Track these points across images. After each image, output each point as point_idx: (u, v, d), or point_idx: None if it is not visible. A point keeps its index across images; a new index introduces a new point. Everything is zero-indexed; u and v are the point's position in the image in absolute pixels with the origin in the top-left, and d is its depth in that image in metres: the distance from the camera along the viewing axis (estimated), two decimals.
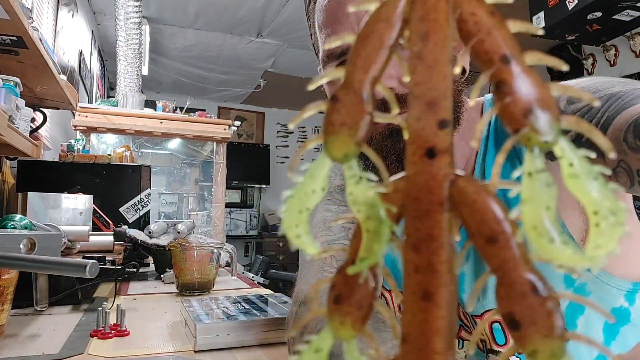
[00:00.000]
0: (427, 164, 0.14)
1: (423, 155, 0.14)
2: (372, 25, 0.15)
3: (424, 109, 0.14)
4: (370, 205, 0.15)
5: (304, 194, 0.16)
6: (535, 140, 0.13)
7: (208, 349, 0.70)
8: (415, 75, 0.15)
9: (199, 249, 1.13)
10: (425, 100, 0.14)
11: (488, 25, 0.14)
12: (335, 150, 0.15)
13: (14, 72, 1.19)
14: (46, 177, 1.62)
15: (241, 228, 5.41)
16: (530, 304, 0.13)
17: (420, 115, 0.14)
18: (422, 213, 0.14)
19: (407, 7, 0.15)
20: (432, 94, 0.14)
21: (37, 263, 0.56)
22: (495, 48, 0.14)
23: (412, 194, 0.15)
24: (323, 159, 0.16)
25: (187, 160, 2.94)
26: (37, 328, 0.81)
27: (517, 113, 0.14)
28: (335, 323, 0.16)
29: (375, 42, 0.15)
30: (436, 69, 0.14)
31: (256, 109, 5.80)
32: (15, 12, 0.94)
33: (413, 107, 0.15)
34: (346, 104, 0.15)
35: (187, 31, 3.75)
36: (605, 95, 0.47)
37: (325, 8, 0.55)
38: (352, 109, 0.15)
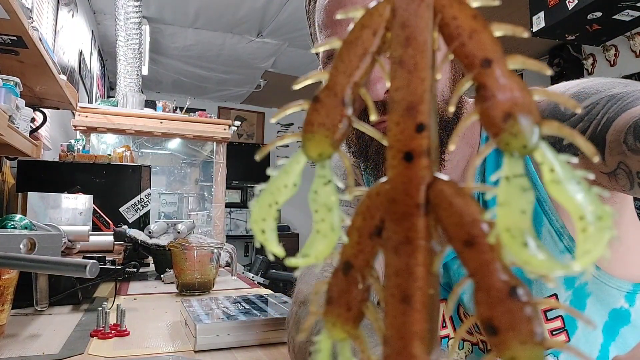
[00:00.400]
0: (405, 167, 0.14)
1: (401, 159, 0.15)
2: (357, 32, 0.15)
3: (402, 113, 0.14)
4: (328, 209, 0.16)
5: (276, 188, 0.16)
6: (513, 145, 0.13)
7: (208, 349, 0.70)
8: (395, 80, 0.15)
9: (199, 249, 1.13)
10: (404, 105, 0.14)
11: (469, 29, 0.14)
12: (311, 149, 0.16)
13: (14, 72, 1.19)
14: (46, 177, 1.62)
15: (241, 228, 5.41)
16: (508, 309, 0.13)
17: (398, 119, 0.15)
18: (400, 216, 0.15)
19: (390, 14, 0.15)
20: (411, 98, 0.14)
21: (37, 263, 0.56)
22: (476, 52, 0.14)
23: (390, 196, 0.15)
24: (299, 155, 0.16)
25: (187, 160, 2.94)
26: (37, 328, 0.81)
27: (496, 117, 0.14)
28: (328, 324, 0.16)
29: (358, 49, 0.15)
30: (415, 73, 0.14)
31: (256, 109, 5.80)
32: (15, 12, 0.94)
33: (392, 112, 0.15)
34: (326, 105, 0.15)
35: (187, 31, 3.75)
36: (606, 96, 0.47)
37: (325, 9, 0.55)
38: (331, 110, 0.15)
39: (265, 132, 5.87)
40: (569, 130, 0.13)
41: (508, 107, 0.13)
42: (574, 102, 0.14)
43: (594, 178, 0.49)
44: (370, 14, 0.15)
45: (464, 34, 0.14)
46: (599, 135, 0.46)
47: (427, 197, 0.14)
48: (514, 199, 0.14)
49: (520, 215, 0.13)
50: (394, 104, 0.15)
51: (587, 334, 0.55)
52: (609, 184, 0.48)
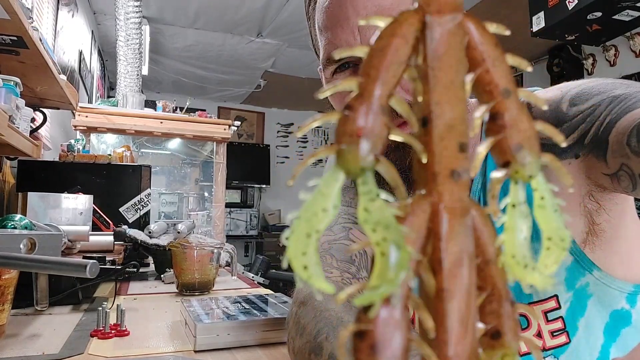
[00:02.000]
0: (453, 185, 0.14)
1: (448, 176, 0.14)
2: (387, 39, 0.15)
3: (445, 130, 0.14)
4: (387, 227, 0.13)
5: (313, 214, 0.14)
6: (521, 174, 0.15)
7: (208, 349, 0.70)
8: (435, 94, 0.14)
9: (199, 249, 1.13)
10: (445, 122, 0.14)
11: (493, 57, 0.14)
12: (350, 162, 0.14)
13: (14, 72, 1.19)
14: (46, 177, 1.62)
15: (241, 228, 5.41)
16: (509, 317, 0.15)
17: (443, 135, 0.14)
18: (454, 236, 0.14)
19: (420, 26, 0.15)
20: (451, 115, 0.14)
21: (37, 263, 0.56)
22: (498, 80, 0.14)
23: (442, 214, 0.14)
24: (335, 173, 0.14)
25: (187, 160, 2.95)
26: (37, 328, 0.81)
27: (510, 148, 0.14)
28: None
29: (391, 56, 0.14)
30: (452, 90, 0.14)
31: (256, 109, 5.80)
32: (15, 12, 0.94)
33: (436, 127, 0.14)
34: (362, 113, 0.14)
35: (187, 31, 3.75)
36: (608, 97, 0.47)
37: (326, 10, 0.55)
38: (368, 119, 0.14)
39: (265, 132, 5.87)
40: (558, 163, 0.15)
41: (521, 139, 0.14)
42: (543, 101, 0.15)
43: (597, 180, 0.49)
44: (400, 23, 0.15)
45: (489, 60, 0.14)
46: (601, 137, 0.46)
47: None
48: (518, 225, 0.15)
49: (523, 241, 0.15)
50: (435, 119, 0.14)
51: (587, 335, 0.55)
52: (611, 185, 0.48)
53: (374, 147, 0.14)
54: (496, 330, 0.15)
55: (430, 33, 0.14)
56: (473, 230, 0.15)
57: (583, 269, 0.53)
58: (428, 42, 0.14)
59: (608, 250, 0.53)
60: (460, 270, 0.14)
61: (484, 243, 0.15)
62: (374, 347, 0.13)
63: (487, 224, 0.15)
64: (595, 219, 0.53)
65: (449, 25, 0.14)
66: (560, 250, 0.15)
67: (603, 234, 0.53)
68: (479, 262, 0.15)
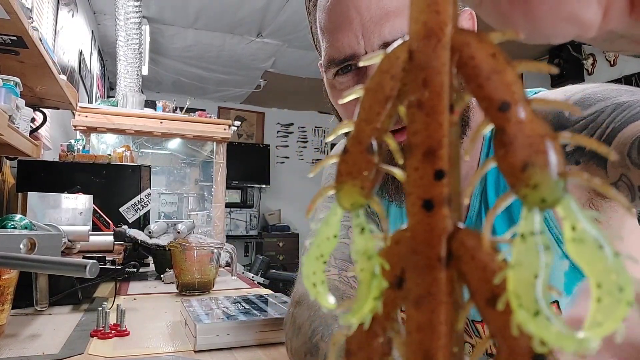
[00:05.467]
0: (425, 216, 0.14)
1: (421, 207, 0.14)
2: (376, 78, 0.15)
3: (420, 159, 0.14)
4: (367, 257, 0.15)
5: (321, 241, 0.16)
6: (531, 198, 0.12)
7: (208, 349, 0.70)
8: (413, 124, 0.14)
9: (199, 249, 1.13)
10: (422, 150, 0.14)
11: (488, 69, 0.13)
12: (343, 199, 0.16)
13: (14, 72, 1.19)
14: (46, 177, 1.62)
15: (241, 228, 5.41)
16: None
17: (417, 164, 0.14)
18: (421, 268, 0.14)
19: (407, 56, 0.15)
20: (429, 142, 0.14)
21: (37, 263, 0.56)
22: (493, 94, 0.13)
23: (411, 247, 0.14)
24: (335, 207, 0.16)
25: (187, 160, 2.95)
26: (37, 328, 0.81)
27: (514, 166, 0.12)
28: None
29: (379, 95, 0.15)
30: (433, 116, 0.14)
31: (256, 109, 5.80)
32: (15, 12, 0.94)
33: (411, 157, 0.14)
34: (353, 155, 0.15)
35: (187, 31, 3.75)
36: (612, 104, 0.46)
37: (328, 11, 0.54)
38: (358, 159, 0.15)
39: (265, 132, 5.87)
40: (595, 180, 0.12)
41: (527, 155, 0.12)
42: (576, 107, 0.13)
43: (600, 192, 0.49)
44: (389, 58, 0.15)
45: (481, 74, 0.13)
46: None
47: (448, 248, 0.14)
48: (528, 260, 0.12)
49: (533, 279, 0.12)
50: (411, 149, 0.14)
51: None
52: None
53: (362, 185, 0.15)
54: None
55: (414, 61, 0.14)
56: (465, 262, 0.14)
57: (580, 273, 0.53)
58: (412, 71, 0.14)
59: None
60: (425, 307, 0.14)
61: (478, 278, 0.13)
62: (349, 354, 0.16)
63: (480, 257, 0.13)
64: None
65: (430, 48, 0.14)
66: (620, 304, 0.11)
67: None
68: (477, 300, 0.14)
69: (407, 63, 0.15)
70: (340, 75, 0.56)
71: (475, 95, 0.13)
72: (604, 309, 0.11)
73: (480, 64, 0.13)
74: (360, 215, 0.16)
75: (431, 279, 0.14)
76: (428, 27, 0.14)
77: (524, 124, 0.13)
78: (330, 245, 0.16)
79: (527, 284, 0.12)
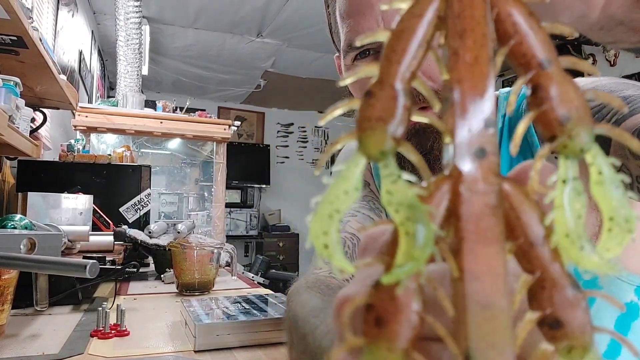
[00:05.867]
0: (477, 164, 0.14)
1: (473, 155, 0.14)
2: (407, 21, 0.14)
3: (468, 108, 0.14)
4: (410, 206, 0.14)
5: (335, 197, 0.14)
6: (570, 147, 0.13)
7: (208, 349, 0.70)
8: (456, 72, 0.14)
9: (199, 249, 1.13)
10: (469, 99, 0.14)
11: (526, 27, 0.14)
12: (371, 146, 0.14)
13: (14, 72, 1.19)
14: (46, 177, 1.62)
15: (241, 228, 5.41)
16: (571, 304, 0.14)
17: (466, 113, 0.14)
18: (476, 215, 0.13)
19: (443, 4, 0.14)
20: (475, 92, 0.14)
21: (37, 263, 0.56)
22: (533, 52, 0.13)
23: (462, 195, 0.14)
24: (357, 157, 0.14)
25: (187, 160, 2.95)
26: (37, 328, 0.81)
27: (554, 120, 0.13)
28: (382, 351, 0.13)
29: (411, 38, 0.14)
30: (477, 67, 0.13)
31: (256, 109, 5.80)
32: (15, 12, 0.94)
33: (458, 105, 0.14)
34: (382, 98, 0.14)
35: (187, 31, 3.75)
36: (619, 97, 0.47)
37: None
38: (389, 103, 0.14)
39: (265, 132, 5.87)
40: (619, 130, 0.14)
41: (567, 110, 0.13)
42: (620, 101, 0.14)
43: None
44: (420, 3, 0.14)
45: (520, 32, 0.14)
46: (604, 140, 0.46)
47: None
48: (571, 202, 0.14)
49: (577, 219, 0.14)
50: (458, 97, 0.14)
51: None
52: None
53: (394, 130, 0.14)
54: (555, 319, 0.13)
55: (451, 9, 0.14)
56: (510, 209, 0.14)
57: None
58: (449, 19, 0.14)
59: None
60: (485, 250, 0.13)
61: (525, 223, 0.14)
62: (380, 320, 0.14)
63: (526, 202, 0.14)
64: None
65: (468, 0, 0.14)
66: (625, 233, 0.14)
67: None
68: (522, 243, 0.14)
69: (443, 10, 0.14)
70: (359, 60, 0.56)
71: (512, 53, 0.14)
72: (613, 238, 0.14)
73: (519, 20, 0.14)
74: (390, 165, 0.14)
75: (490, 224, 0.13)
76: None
77: (561, 81, 0.14)
78: (348, 200, 0.14)
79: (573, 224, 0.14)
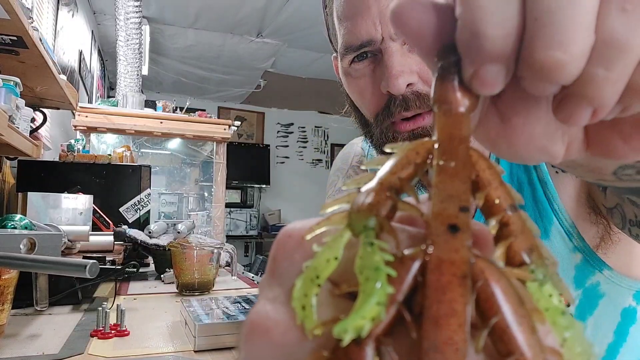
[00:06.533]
0: (450, 237, 0.15)
1: (446, 230, 0.15)
2: (403, 159, 0.17)
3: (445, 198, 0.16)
4: (374, 269, 0.15)
5: (319, 264, 0.16)
6: (538, 274, 0.16)
7: (208, 349, 0.70)
8: (437, 192, 0.16)
9: (199, 249, 1.13)
10: (447, 193, 0.16)
11: (499, 179, 0.17)
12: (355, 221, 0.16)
13: (14, 72, 1.19)
14: (46, 177, 1.62)
15: (241, 228, 5.41)
16: None
17: (443, 199, 0.16)
18: (444, 285, 0.14)
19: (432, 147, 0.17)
20: (452, 189, 0.16)
21: (37, 263, 0.56)
22: (504, 197, 0.17)
23: (433, 265, 0.15)
24: (343, 231, 0.16)
25: (187, 160, 2.95)
26: (37, 328, 0.81)
27: (519, 252, 0.16)
28: None
29: (404, 162, 0.17)
30: (455, 182, 0.16)
31: (256, 109, 5.80)
32: (15, 12, 0.94)
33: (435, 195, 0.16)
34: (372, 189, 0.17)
35: (187, 31, 3.75)
36: None
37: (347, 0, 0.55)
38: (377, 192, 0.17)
39: (265, 132, 5.87)
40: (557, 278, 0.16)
41: (529, 246, 0.16)
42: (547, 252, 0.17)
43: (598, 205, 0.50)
44: (415, 148, 0.17)
45: (494, 183, 0.17)
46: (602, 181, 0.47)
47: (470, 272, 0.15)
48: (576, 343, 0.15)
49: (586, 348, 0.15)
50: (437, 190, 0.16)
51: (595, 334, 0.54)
52: (607, 215, 0.49)
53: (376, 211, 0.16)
54: None
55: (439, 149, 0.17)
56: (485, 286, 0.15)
57: (593, 267, 0.53)
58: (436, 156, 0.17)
59: (623, 251, 0.53)
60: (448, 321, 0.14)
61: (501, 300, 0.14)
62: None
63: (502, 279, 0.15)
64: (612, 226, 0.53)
65: (454, 144, 0.17)
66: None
67: (618, 242, 0.53)
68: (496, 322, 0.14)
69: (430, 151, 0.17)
70: (356, 62, 0.56)
71: (487, 197, 0.17)
72: None
73: (491, 176, 0.17)
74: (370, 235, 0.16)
75: (455, 295, 0.14)
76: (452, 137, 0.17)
77: (525, 223, 0.16)
78: (329, 268, 0.16)
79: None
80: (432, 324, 0.14)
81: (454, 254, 0.15)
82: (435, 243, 0.15)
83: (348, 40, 0.54)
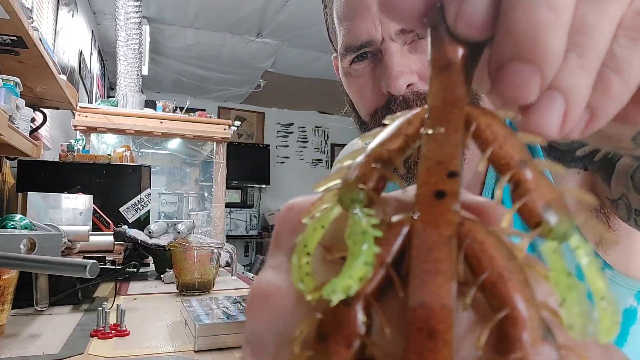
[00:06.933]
0: (436, 203, 0.15)
1: (432, 196, 0.15)
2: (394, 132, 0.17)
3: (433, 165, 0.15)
4: (362, 233, 0.15)
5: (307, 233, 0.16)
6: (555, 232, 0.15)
7: (208, 349, 0.70)
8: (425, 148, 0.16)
9: (199, 249, 1.13)
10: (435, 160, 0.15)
11: (504, 134, 0.16)
12: (344, 195, 0.16)
13: (14, 72, 1.19)
14: (46, 177, 1.62)
15: (241, 228, 5.41)
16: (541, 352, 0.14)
17: (430, 166, 0.15)
18: (429, 247, 0.14)
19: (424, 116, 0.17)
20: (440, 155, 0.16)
21: (37, 263, 0.56)
22: (513, 153, 0.16)
23: (419, 227, 0.15)
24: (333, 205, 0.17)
25: (187, 160, 2.95)
26: (37, 328, 0.81)
27: (536, 209, 0.15)
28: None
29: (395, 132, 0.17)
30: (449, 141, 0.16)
31: (256, 109, 5.80)
32: (15, 12, 0.94)
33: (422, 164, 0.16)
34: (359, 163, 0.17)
35: (187, 31, 3.75)
36: None
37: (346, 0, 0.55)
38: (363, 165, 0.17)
39: (265, 132, 5.87)
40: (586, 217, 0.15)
41: (547, 200, 0.15)
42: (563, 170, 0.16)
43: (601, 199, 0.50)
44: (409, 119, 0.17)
45: (500, 138, 0.16)
46: (609, 160, 0.46)
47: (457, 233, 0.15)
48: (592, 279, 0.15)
49: None
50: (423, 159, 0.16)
51: None
52: (611, 208, 0.49)
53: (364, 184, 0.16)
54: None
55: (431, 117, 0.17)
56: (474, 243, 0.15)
57: None
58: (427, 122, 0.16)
59: (623, 250, 0.53)
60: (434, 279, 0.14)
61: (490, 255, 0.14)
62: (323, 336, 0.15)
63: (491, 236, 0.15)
64: (611, 225, 0.53)
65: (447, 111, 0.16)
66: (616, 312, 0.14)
67: (618, 240, 0.53)
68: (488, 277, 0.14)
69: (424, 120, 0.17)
70: (356, 63, 0.56)
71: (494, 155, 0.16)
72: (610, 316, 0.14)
73: (497, 129, 0.16)
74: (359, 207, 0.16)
75: (440, 255, 0.14)
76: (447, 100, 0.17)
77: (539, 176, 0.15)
78: (315, 236, 0.16)
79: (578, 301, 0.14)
80: (418, 282, 0.14)
81: (439, 217, 0.15)
82: (422, 210, 0.15)
83: (348, 41, 0.54)
